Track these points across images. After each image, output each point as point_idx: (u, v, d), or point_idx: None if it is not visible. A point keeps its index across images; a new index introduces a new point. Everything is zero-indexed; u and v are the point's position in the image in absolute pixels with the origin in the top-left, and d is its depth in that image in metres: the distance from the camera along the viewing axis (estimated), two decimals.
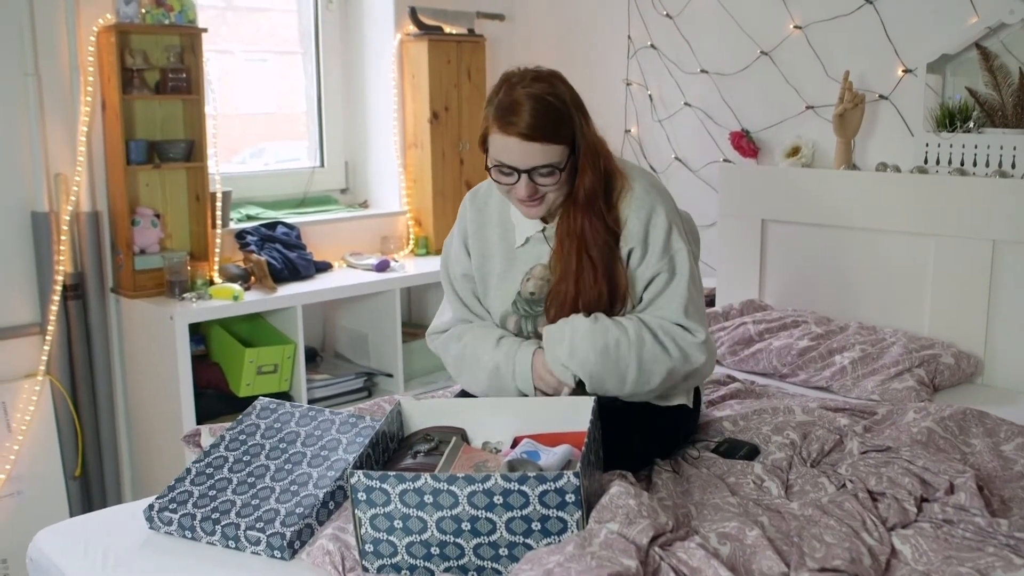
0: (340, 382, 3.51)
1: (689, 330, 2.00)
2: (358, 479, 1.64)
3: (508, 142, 1.90)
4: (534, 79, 1.93)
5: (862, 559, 1.64)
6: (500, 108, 1.91)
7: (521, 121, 1.88)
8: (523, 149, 1.89)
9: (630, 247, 2.00)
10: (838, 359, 2.75)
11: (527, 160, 1.90)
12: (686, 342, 1.99)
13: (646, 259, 2.00)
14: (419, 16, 3.81)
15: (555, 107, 1.90)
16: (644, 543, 1.58)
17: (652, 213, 2.00)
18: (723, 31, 3.46)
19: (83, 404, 3.21)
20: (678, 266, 2.01)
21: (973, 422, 2.27)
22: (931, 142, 2.91)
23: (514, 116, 1.89)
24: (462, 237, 2.18)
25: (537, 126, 1.88)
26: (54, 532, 1.91)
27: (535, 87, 1.91)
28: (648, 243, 2.00)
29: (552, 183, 1.94)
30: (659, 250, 2.00)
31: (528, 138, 1.88)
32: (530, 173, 1.92)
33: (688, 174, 3.66)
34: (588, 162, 1.95)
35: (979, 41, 2.81)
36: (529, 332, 2.11)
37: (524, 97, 1.90)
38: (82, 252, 3.16)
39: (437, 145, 3.84)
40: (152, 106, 3.20)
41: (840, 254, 3.10)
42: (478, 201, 2.18)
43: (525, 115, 1.88)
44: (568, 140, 1.93)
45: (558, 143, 1.91)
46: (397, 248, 3.86)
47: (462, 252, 2.18)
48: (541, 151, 1.90)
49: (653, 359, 1.97)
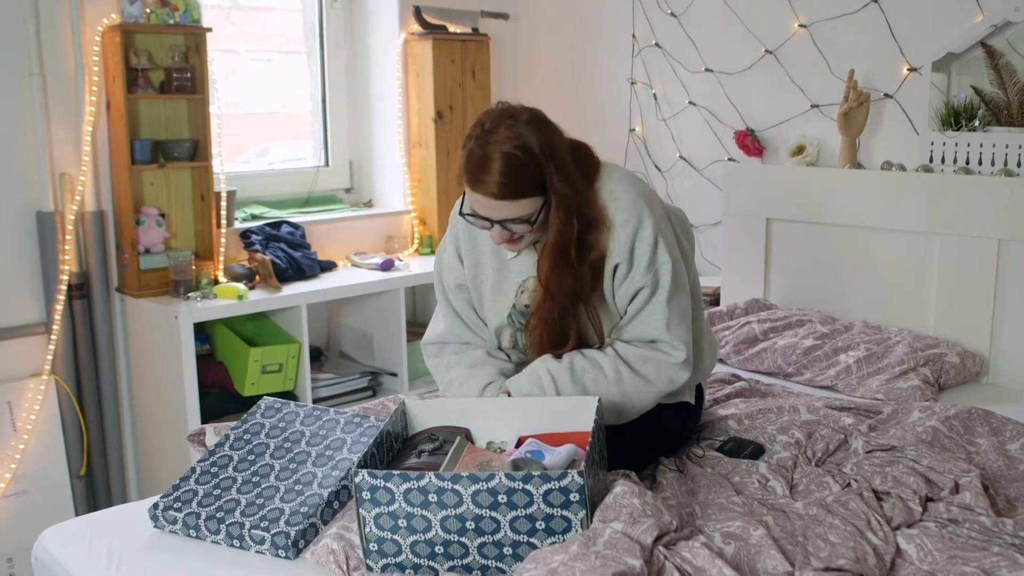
0: (345, 381, 3.51)
1: (667, 348, 1.98)
2: (362, 478, 1.64)
3: (476, 197, 1.91)
4: (508, 128, 1.88)
5: (867, 558, 1.63)
6: (470, 163, 1.89)
7: (490, 180, 1.86)
8: (493, 206, 1.90)
9: (616, 263, 1.98)
10: (843, 358, 2.75)
11: (498, 214, 1.91)
12: (666, 365, 1.98)
13: (631, 275, 1.98)
14: (423, 15, 3.81)
15: (522, 163, 1.87)
16: (648, 542, 1.58)
17: (639, 227, 1.97)
18: (728, 30, 3.46)
19: (88, 403, 3.22)
20: (661, 280, 1.98)
21: (978, 421, 2.27)
22: (936, 141, 2.90)
23: (483, 174, 1.87)
24: (455, 245, 2.16)
25: (505, 184, 1.86)
26: (59, 531, 1.92)
27: (506, 141, 1.87)
28: (633, 258, 1.97)
29: (525, 230, 1.95)
30: (644, 265, 1.97)
31: (496, 196, 1.88)
32: (503, 223, 1.93)
33: (693, 173, 3.66)
34: (559, 213, 1.92)
35: (984, 39, 2.81)
36: (524, 346, 2.10)
37: (494, 152, 1.86)
38: (87, 252, 3.17)
39: (441, 144, 3.84)
40: (157, 105, 3.21)
41: (845, 253, 3.10)
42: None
43: (494, 174, 1.86)
44: (539, 191, 1.90)
45: (528, 197, 1.90)
46: (401, 247, 3.86)
47: (455, 261, 2.16)
48: (510, 207, 1.90)
49: (636, 392, 1.98)
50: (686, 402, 2.16)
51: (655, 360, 1.98)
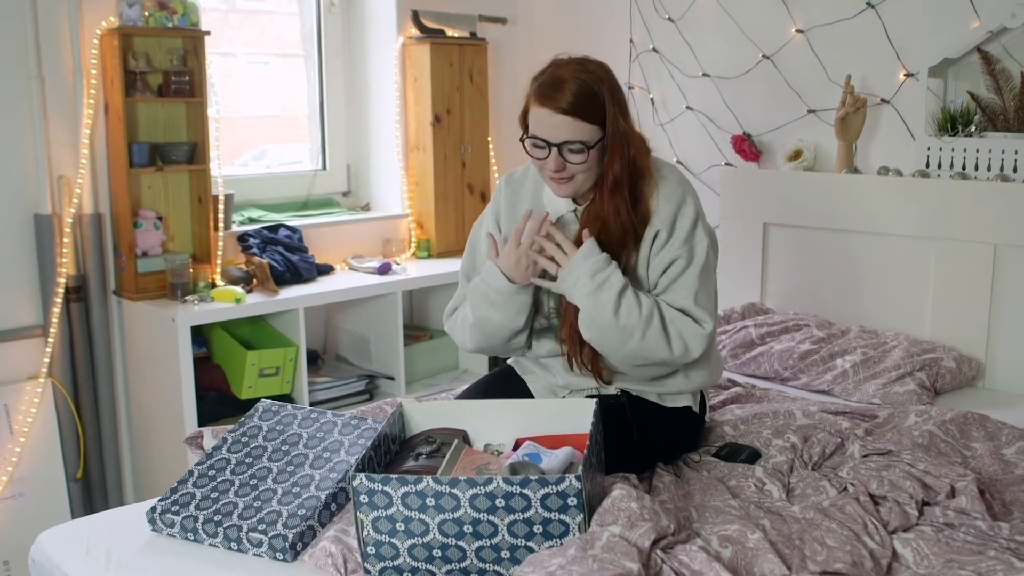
0: (342, 384, 3.51)
1: (697, 319, 2.03)
2: (360, 481, 1.64)
3: (542, 114, 1.97)
4: (579, 63, 2.01)
5: (863, 562, 1.64)
6: (543, 84, 1.99)
7: (561, 97, 1.95)
8: (555, 122, 1.96)
9: (656, 229, 2.04)
10: (839, 363, 2.75)
11: (558, 134, 1.97)
12: (691, 332, 2.02)
13: (669, 243, 2.04)
14: (421, 19, 3.82)
15: (592, 90, 1.97)
16: (646, 546, 1.58)
17: (682, 203, 2.06)
18: (725, 35, 3.47)
19: (85, 406, 3.22)
20: (696, 256, 2.05)
21: (974, 426, 2.27)
22: (933, 146, 2.91)
23: (553, 91, 1.96)
24: (495, 215, 2.23)
25: (572, 102, 1.95)
26: (56, 534, 1.92)
27: (579, 70, 1.99)
28: (675, 228, 2.05)
29: (580, 161, 1.99)
30: (683, 237, 2.04)
31: (562, 111, 1.95)
32: (560, 148, 1.97)
33: (690, 178, 3.65)
34: (617, 150, 2.00)
35: (981, 45, 2.82)
36: (551, 308, 2.13)
37: (567, 76, 1.97)
38: (84, 254, 3.17)
39: (439, 148, 3.85)
40: (155, 109, 3.21)
41: (842, 258, 3.10)
42: (514, 182, 2.23)
43: (566, 92, 1.95)
44: (600, 122, 1.99)
45: (590, 122, 1.97)
46: (399, 251, 3.86)
47: (494, 228, 2.22)
48: (572, 126, 1.96)
49: (655, 341, 1.99)
50: (687, 408, 2.17)
51: (684, 326, 2.02)
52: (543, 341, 2.17)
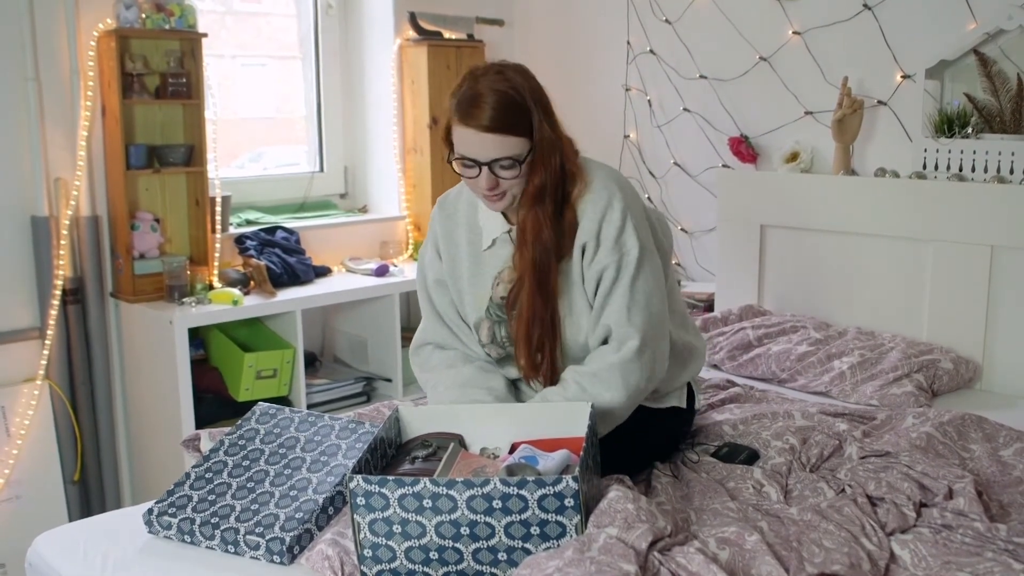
0: (339, 387, 3.51)
1: (618, 341, 1.95)
2: (357, 484, 1.64)
3: (467, 134, 1.91)
4: (497, 73, 1.93)
5: (861, 564, 1.64)
6: (461, 101, 1.91)
7: (481, 113, 1.88)
8: (483, 141, 1.90)
9: (583, 242, 1.98)
10: (837, 364, 2.75)
11: (486, 152, 1.90)
12: (618, 367, 1.94)
13: (597, 254, 1.98)
14: (419, 21, 3.82)
15: (515, 100, 1.90)
16: (643, 548, 1.58)
17: (607, 208, 1.98)
18: (722, 37, 3.47)
19: (82, 408, 3.21)
20: (626, 261, 1.97)
21: (972, 427, 2.27)
22: (929, 148, 2.91)
23: (473, 108, 1.89)
24: (434, 243, 2.17)
25: (496, 118, 1.88)
26: (53, 537, 1.91)
27: (496, 81, 1.91)
28: (600, 238, 1.98)
29: (513, 176, 1.93)
30: (610, 244, 1.97)
31: (487, 129, 1.88)
32: (491, 166, 1.92)
33: (687, 179, 3.67)
34: (542, 159, 1.94)
35: (977, 47, 2.82)
36: (503, 338, 2.08)
37: (485, 90, 1.90)
38: (82, 256, 3.17)
39: (436, 150, 3.84)
40: (152, 111, 3.21)
41: (839, 259, 3.11)
42: (447, 207, 2.17)
43: (485, 107, 1.88)
44: (528, 133, 1.92)
45: (517, 135, 1.91)
46: (396, 253, 3.86)
47: (435, 258, 2.17)
48: (499, 143, 1.90)
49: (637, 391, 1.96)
50: (676, 407, 2.16)
51: (626, 368, 1.94)
52: (508, 368, 2.13)
